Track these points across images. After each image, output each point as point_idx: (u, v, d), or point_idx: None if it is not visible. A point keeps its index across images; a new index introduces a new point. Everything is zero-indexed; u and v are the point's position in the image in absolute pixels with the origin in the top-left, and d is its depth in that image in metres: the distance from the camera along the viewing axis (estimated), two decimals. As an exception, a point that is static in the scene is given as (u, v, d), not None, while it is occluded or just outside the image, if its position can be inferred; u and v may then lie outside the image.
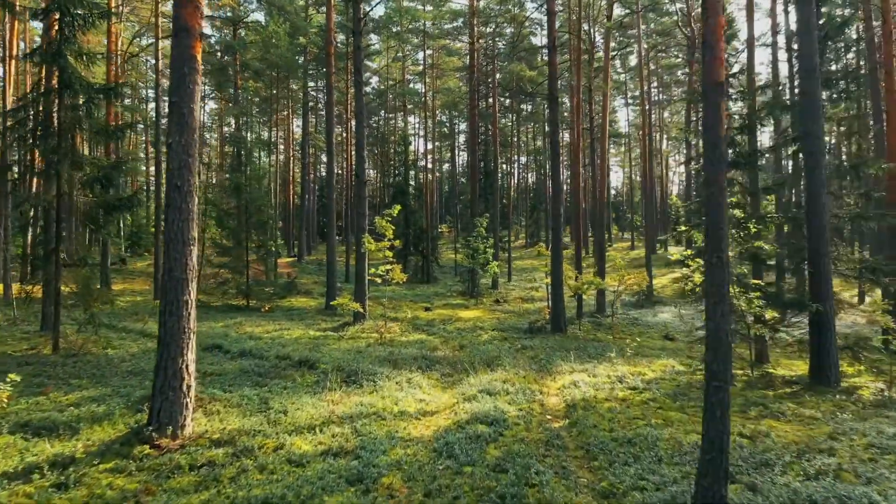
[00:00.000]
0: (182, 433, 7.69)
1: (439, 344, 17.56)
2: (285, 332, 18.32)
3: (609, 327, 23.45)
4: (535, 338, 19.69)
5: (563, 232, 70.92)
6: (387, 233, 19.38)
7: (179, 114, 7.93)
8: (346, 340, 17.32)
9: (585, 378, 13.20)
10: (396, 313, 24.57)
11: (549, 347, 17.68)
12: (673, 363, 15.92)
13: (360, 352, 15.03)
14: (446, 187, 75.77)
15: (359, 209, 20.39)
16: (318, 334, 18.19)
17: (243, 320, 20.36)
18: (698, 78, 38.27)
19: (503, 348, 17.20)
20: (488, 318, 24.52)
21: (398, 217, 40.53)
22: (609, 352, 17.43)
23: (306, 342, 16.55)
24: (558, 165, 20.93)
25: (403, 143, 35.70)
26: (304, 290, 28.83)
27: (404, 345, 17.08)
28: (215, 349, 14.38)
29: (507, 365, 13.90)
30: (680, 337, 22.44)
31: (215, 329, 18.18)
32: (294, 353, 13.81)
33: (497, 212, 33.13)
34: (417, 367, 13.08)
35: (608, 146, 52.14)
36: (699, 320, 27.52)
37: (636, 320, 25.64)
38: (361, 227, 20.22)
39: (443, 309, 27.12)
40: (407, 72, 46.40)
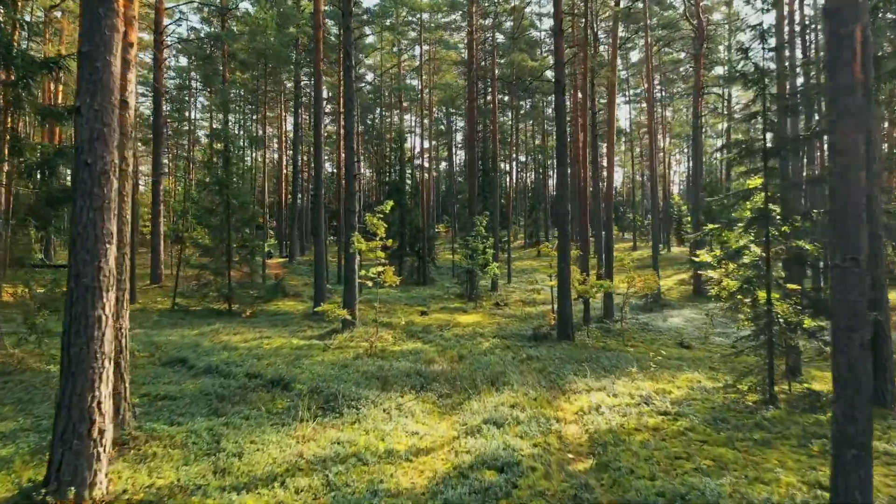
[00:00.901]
0: (90, 495, 5.65)
1: (436, 355, 15.53)
2: (265, 341, 16.26)
3: (619, 333, 21.48)
4: (541, 346, 17.70)
5: None
6: (378, 231, 17.36)
7: (92, 68, 5.87)
8: (331, 351, 15.27)
9: (606, 399, 11.21)
10: (390, 318, 22.54)
11: (557, 358, 15.68)
12: (698, 377, 13.97)
13: (346, 366, 12.98)
14: (443, 186, 73.74)
15: (348, 205, 18.36)
16: (302, 343, 16.13)
17: (221, 327, 18.29)
18: (706, 71, 36.37)
19: (507, 359, 15.19)
20: (488, 324, 22.51)
21: (393, 216, 38.49)
22: (625, 363, 15.49)
23: (286, 354, 14.49)
24: (565, 158, 18.94)
25: (399, 139, 33.67)
26: (292, 293, 26.75)
27: (397, 356, 15.06)
28: (178, 364, 12.31)
29: (513, 382, 11.87)
30: (696, 344, 20.48)
31: (187, 338, 16.10)
32: (267, 370, 11.74)
33: (497, 211, 31.12)
34: (410, 387, 11.04)
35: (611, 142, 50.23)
36: (713, 325, 25.60)
37: (646, 325, 23.66)
38: (351, 224, 18.20)
39: (440, 313, 25.09)
40: (403, 67, 44.38)
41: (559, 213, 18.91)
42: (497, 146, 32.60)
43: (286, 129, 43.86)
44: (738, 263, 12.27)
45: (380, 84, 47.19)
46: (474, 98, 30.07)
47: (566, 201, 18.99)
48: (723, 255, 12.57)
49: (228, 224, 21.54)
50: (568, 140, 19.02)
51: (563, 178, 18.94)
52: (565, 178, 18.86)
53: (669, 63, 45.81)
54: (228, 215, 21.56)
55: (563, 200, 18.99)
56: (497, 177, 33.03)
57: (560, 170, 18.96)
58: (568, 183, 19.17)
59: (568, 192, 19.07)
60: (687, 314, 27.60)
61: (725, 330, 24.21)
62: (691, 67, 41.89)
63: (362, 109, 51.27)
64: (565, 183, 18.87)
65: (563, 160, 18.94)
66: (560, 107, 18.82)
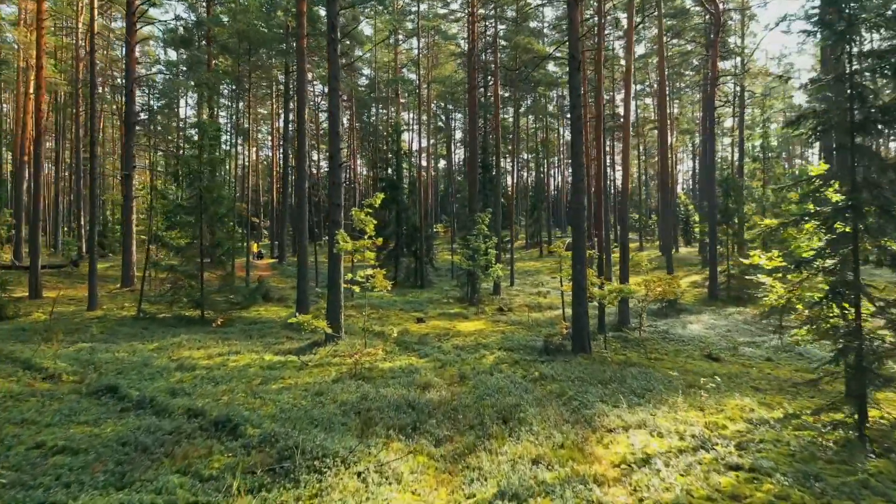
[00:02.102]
0: None
1: (433, 374, 12.85)
2: (232, 357, 13.56)
3: (639, 343, 18.83)
4: (555, 361, 15.03)
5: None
6: (367, 228, 14.68)
7: None
8: (308, 371, 12.58)
9: (650, 442, 8.55)
10: (383, 326, 19.84)
11: (577, 378, 13.02)
12: (749, 404, 11.35)
13: (321, 394, 10.29)
14: (442, 186, 71.04)
15: (333, 199, 15.66)
16: (275, 360, 13.44)
17: (186, 339, 15.57)
18: (721, 59, 33.71)
19: (517, 380, 12.52)
20: (492, 332, 19.83)
21: (389, 214, 35.82)
22: (656, 384, 12.84)
23: (252, 376, 11.79)
24: (581, 147, 16.27)
25: (395, 131, 30.96)
26: (277, 297, 24.02)
27: (386, 376, 12.38)
28: (108, 394, 9.60)
29: (530, 418, 9.17)
30: (725, 356, 17.87)
31: (139, 354, 13.39)
32: (216, 405, 9.02)
33: (499, 209, 28.42)
34: (399, 428, 8.35)
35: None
36: (737, 332, 22.96)
37: (666, 333, 21.03)
38: (336, 221, 15.51)
39: (438, 319, 22.40)
40: (400, 59, 41.70)
41: (574, 207, 16.26)
42: (500, 139, 29.89)
43: (278, 126, 41.12)
44: (812, 268, 9.56)
45: (376, 78, 44.52)
46: (475, 87, 27.39)
47: (582, 194, 16.31)
48: (796, 259, 9.80)
49: (201, 221, 18.82)
50: (583, 128, 16.35)
51: (578, 167, 16.26)
52: (581, 168, 16.18)
53: (676, 55, 43.18)
54: (201, 211, 18.83)
55: (578, 193, 16.31)
56: (499, 173, 30.33)
57: (575, 159, 16.29)
58: (584, 173, 16.52)
59: (584, 184, 16.43)
60: (706, 320, 24.99)
61: (753, 339, 21.56)
62: (703, 58, 39.31)
63: (358, 105, 48.55)
64: (581, 173, 16.20)
65: (579, 148, 16.27)
66: (576, 87, 16.17)
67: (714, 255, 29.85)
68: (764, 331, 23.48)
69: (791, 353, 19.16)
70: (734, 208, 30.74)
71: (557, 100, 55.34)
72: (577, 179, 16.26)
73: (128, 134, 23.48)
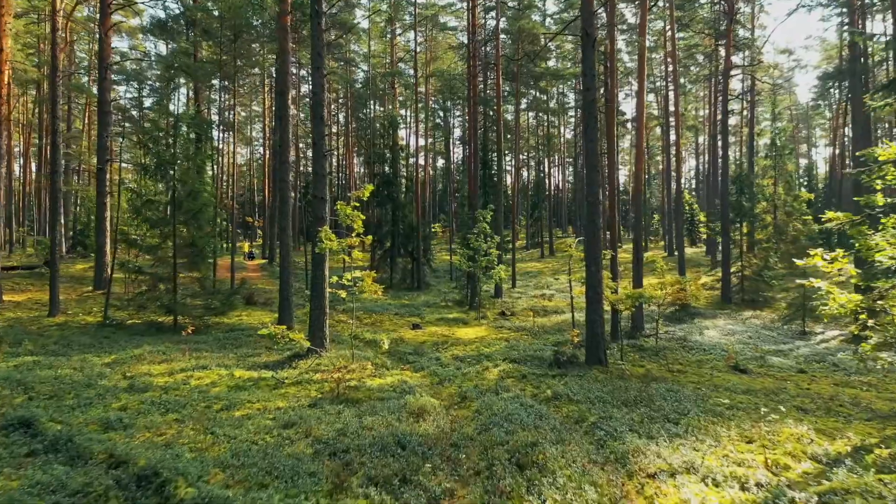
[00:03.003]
0: None
1: (429, 394, 10.88)
2: (196, 374, 11.53)
3: (656, 353, 16.87)
4: (568, 375, 13.04)
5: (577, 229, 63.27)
6: (355, 225, 12.68)
7: None
8: (282, 392, 10.56)
9: (709, 497, 6.55)
10: (375, 333, 17.83)
11: (596, 398, 11.03)
12: (805, 433, 9.35)
13: (292, 426, 8.28)
14: (440, 185, 69.04)
15: (316, 191, 13.63)
16: (247, 378, 11.40)
17: (150, 350, 13.53)
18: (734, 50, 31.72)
19: (527, 402, 10.53)
20: (495, 340, 17.84)
21: (384, 213, 33.79)
22: (688, 404, 10.90)
23: (214, 399, 9.77)
24: (595, 133, 14.27)
25: (390, 125, 28.94)
26: (262, 301, 21.99)
27: (374, 397, 10.39)
28: (19, 429, 7.54)
29: (552, 461, 7.18)
30: (753, 367, 15.91)
31: (86, 370, 11.35)
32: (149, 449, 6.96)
33: (501, 207, 26.40)
34: (383, 481, 6.33)
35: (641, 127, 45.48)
36: (759, 339, 20.99)
37: (683, 341, 19.06)
38: (320, 216, 13.49)
39: (436, 325, 20.39)
40: (397, 53, 39.63)
41: (589, 201, 14.24)
42: (501, 134, 27.88)
43: (269, 121, 39.05)
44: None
45: (371, 73, 42.43)
46: (476, 75, 25.39)
47: (597, 186, 14.30)
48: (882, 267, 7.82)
49: (175, 217, 16.77)
50: (597, 113, 14.36)
51: (592, 157, 14.24)
52: (595, 157, 14.16)
53: (682, 49, 41.18)
54: (174, 206, 16.79)
55: (593, 185, 14.30)
56: (501, 169, 28.32)
57: (589, 148, 14.28)
58: (598, 163, 14.51)
59: (599, 176, 14.43)
60: (723, 325, 23.05)
61: (779, 347, 19.59)
62: (710, 51, 37.37)
63: (355, 102, 46.50)
64: (595, 162, 14.18)
65: (593, 135, 14.27)
66: (589, 67, 14.19)
67: (727, 256, 27.92)
68: (786, 337, 21.55)
69: (823, 363, 17.18)
70: (748, 206, 28.81)
71: (558, 97, 53.43)
72: (591, 170, 14.26)
73: (101, 124, 21.43)
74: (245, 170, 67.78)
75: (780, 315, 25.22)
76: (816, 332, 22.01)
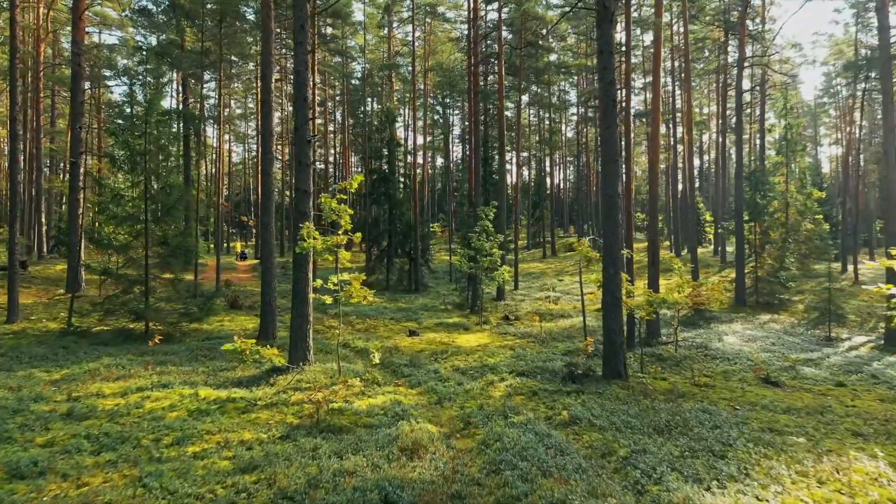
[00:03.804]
0: None
1: (426, 418, 9.13)
2: (155, 394, 9.77)
3: (677, 363, 15.12)
4: (586, 392, 11.29)
5: (574, 228, 60.22)
6: (341, 221, 10.93)
7: None
8: (252, 418, 8.79)
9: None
10: (367, 341, 16.07)
11: (623, 423, 9.29)
12: (882, 471, 7.65)
13: (252, 470, 6.53)
14: (440, 184, 67.24)
15: (299, 182, 11.86)
16: (213, 398, 9.63)
17: (109, 364, 11.77)
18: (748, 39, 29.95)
19: (542, 430, 8.80)
20: (499, 348, 16.07)
21: (381, 211, 31.99)
22: (730, 430, 9.18)
23: (166, 430, 8.02)
24: (614, 120, 12.52)
25: (387, 118, 27.15)
26: (248, 305, 20.18)
27: (360, 424, 8.65)
28: None
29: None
30: (785, 380, 14.15)
31: (24, 389, 9.58)
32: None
33: (503, 204, 24.62)
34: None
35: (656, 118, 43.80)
36: (783, 346, 19.24)
37: (703, 348, 17.29)
38: (303, 211, 11.74)
39: (434, 331, 18.62)
40: (395, 44, 37.85)
41: (606, 194, 12.48)
42: (503, 128, 26.12)
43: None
44: None
45: (367, 68, 40.68)
46: (478, 63, 23.61)
47: (616, 179, 12.53)
48: None
49: (147, 214, 14.98)
50: (616, 96, 12.58)
51: (610, 147, 12.48)
52: (614, 148, 12.40)
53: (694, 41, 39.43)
54: (147, 201, 15.00)
55: (610, 179, 12.54)
56: (503, 164, 26.56)
57: (607, 134, 12.52)
58: (618, 154, 12.73)
59: (618, 168, 12.65)
60: (741, 330, 21.27)
61: (808, 355, 17.83)
62: (719, 44, 35.65)
63: (350, 96, 44.72)
64: (614, 153, 12.42)
65: (612, 121, 12.53)
66: (607, 43, 12.48)
67: (742, 257, 26.17)
68: (812, 343, 19.77)
69: (861, 374, 15.39)
70: (763, 204, 27.07)
71: (559, 94, 51.68)
72: (609, 161, 12.50)
73: (74, 114, 19.63)
74: (241, 168, 65.92)
75: (798, 319, 23.49)
76: (843, 337, 20.25)
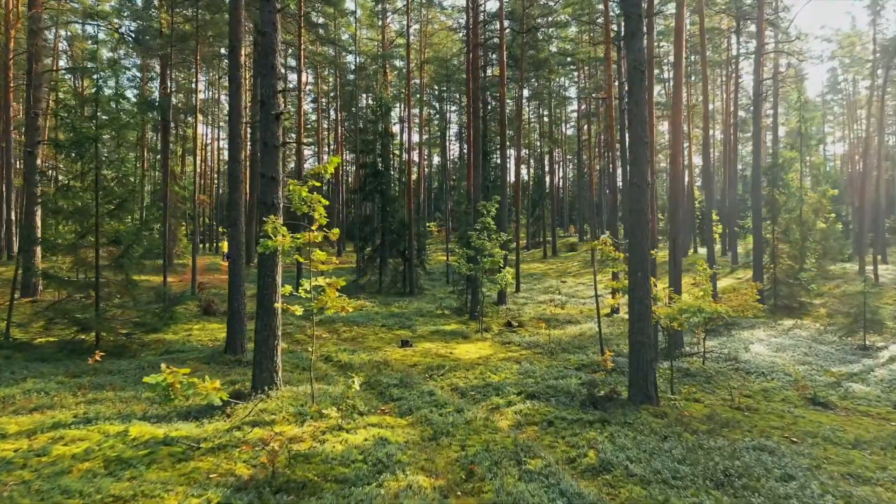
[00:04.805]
0: None
1: (417, 465, 6.99)
2: (71, 433, 7.60)
3: (707, 379, 13.03)
4: (612, 422, 9.17)
5: (566, 227, 58.16)
6: (315, 214, 8.76)
7: None
8: (186, 473, 6.63)
9: None
10: (352, 354, 13.89)
11: (668, 471, 7.19)
12: None
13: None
14: (436, 182, 65.05)
15: (264, 168, 9.67)
16: (148, 437, 7.48)
17: (30, 388, 9.59)
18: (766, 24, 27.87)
19: (566, 485, 6.71)
20: (503, 361, 13.89)
21: (373, 208, 29.75)
22: (806, 480, 7.05)
23: (62, 496, 5.81)
24: (643, 95, 10.37)
25: (379, 106, 24.97)
26: (222, 311, 17.91)
27: (330, 479, 6.53)
28: None
29: None
30: (835, 400, 12.07)
31: None
32: None
33: (505, 200, 22.44)
34: None
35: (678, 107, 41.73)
36: (817, 356, 17.16)
37: (733, 360, 15.27)
38: (269, 202, 9.56)
39: (430, 340, 16.44)
40: (389, 34, 35.64)
41: (634, 182, 10.31)
42: (504, 118, 23.96)
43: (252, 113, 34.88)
44: None
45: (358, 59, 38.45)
46: (478, 44, 21.40)
47: (644, 164, 10.37)
48: None
49: (97, 208, 12.75)
50: (645, 65, 10.43)
51: (639, 127, 10.32)
52: (643, 127, 10.24)
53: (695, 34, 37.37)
54: (98, 193, 12.77)
55: (639, 165, 10.38)
56: (505, 156, 24.38)
57: (636, 109, 10.37)
58: (646, 136, 10.55)
59: (647, 151, 10.51)
60: (764, 337, 19.19)
61: (850, 368, 15.72)
62: (727, 35, 33.62)
63: (342, 90, 42.46)
64: (643, 136, 10.27)
65: (640, 96, 10.41)
66: (634, 3, 10.32)
67: (760, 257, 24.09)
68: (846, 352, 17.68)
69: (918, 390, 13.38)
70: (783, 201, 24.98)
71: (559, 90, 49.53)
72: (637, 143, 10.36)
73: (30, 98, 17.39)
74: (198, 160, 63.34)
75: (824, 324, 21.39)
76: (878, 346, 18.18)
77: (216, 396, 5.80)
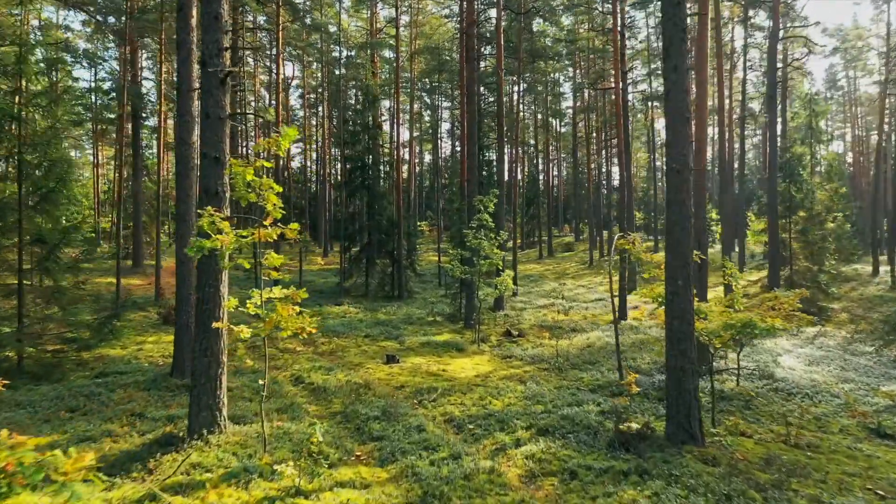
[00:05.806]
0: None
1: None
2: None
3: (746, 404, 10.92)
4: (653, 477, 7.02)
5: (565, 226, 56.17)
6: (266, 204, 6.54)
7: None
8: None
9: None
10: (328, 374, 11.61)
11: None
12: None
13: None
14: (427, 181, 62.79)
15: (206, 146, 7.42)
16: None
17: None
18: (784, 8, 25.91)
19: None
20: (505, 382, 11.69)
21: (359, 205, 27.45)
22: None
23: None
24: (684, 61, 8.25)
25: (366, 96, 22.72)
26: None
27: None
28: None
29: None
30: (901, 429, 10.04)
31: None
32: None
33: (503, 200, 20.22)
34: None
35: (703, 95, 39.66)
36: (855, 370, 15.14)
37: (769, 378, 13.25)
38: (211, 189, 7.31)
39: (420, 354, 14.19)
40: (378, 23, 33.35)
41: (673, 168, 8.21)
42: (503, 110, 21.79)
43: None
44: None
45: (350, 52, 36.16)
46: (473, 22, 19.20)
47: (686, 144, 8.24)
48: None
49: (20, 200, 10.42)
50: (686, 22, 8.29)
51: (679, 98, 8.19)
52: (683, 99, 8.13)
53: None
54: (22, 183, 10.43)
55: (680, 145, 8.25)
56: (503, 151, 22.19)
57: (675, 78, 8.23)
58: (687, 110, 8.41)
59: (689, 129, 8.37)
60: (791, 348, 17.26)
61: (892, 385, 13.75)
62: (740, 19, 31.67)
63: (328, 83, 40.07)
64: (682, 108, 8.15)
65: (681, 61, 8.31)
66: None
67: (776, 259, 22.13)
68: (887, 366, 15.69)
69: None
70: (800, 198, 23.04)
71: (554, 86, 47.45)
72: (678, 117, 8.24)
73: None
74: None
75: (850, 332, 19.47)
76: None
77: (80, 490, 3.53)
